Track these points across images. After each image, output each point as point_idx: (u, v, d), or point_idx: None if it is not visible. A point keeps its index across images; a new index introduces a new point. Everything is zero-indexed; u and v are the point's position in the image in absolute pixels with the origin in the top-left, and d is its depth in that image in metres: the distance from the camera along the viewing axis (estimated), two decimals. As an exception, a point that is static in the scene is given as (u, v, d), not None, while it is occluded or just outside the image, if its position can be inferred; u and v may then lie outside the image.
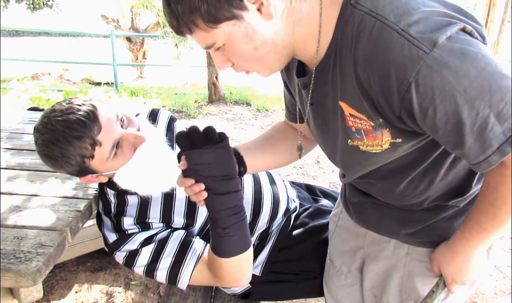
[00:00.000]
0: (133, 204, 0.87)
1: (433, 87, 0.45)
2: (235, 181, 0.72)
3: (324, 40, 0.54)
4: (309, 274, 0.99)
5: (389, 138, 0.55)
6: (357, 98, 0.53)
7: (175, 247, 0.82)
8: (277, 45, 0.54)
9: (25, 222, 0.83)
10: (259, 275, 0.97)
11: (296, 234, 1.02)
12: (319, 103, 0.62)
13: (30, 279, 0.69)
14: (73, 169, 0.76)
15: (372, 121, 0.54)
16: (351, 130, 0.58)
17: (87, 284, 1.60)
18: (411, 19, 0.46)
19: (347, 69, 0.52)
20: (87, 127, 0.71)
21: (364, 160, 0.62)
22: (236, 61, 0.56)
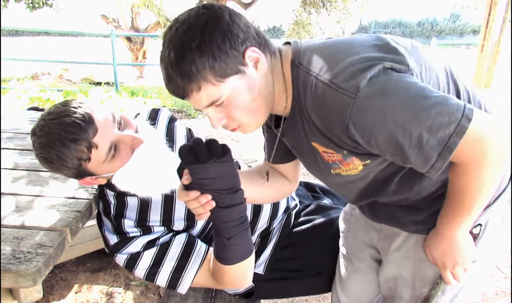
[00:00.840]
0: (132, 206, 0.86)
1: (367, 123, 0.54)
2: (240, 193, 0.72)
3: (289, 95, 0.65)
4: (312, 271, 1.00)
5: (359, 162, 0.64)
6: (321, 138, 0.63)
7: (178, 252, 0.82)
8: (267, 98, 0.63)
9: (25, 222, 0.83)
10: (262, 274, 0.97)
11: (298, 232, 1.02)
12: (296, 147, 0.73)
13: (29, 279, 0.69)
14: (70, 172, 0.76)
15: (339, 153, 0.64)
16: (328, 163, 0.68)
17: (87, 285, 1.59)
18: (336, 71, 0.56)
19: (307, 117, 0.63)
20: (82, 130, 0.71)
21: (349, 181, 0.71)
22: (234, 114, 0.62)
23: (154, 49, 8.14)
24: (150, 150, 0.79)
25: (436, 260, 0.72)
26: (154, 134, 0.85)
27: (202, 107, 0.61)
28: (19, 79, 6.22)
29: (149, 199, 0.86)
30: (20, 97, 4.57)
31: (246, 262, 0.78)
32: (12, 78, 6.14)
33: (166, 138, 0.92)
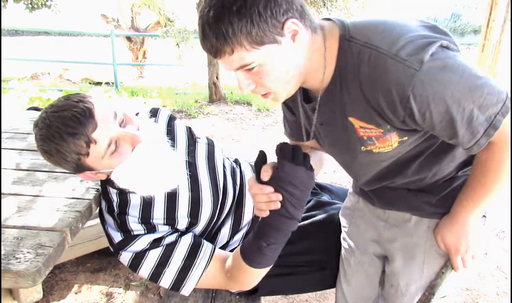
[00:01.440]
0: (135, 204, 0.86)
1: (427, 96, 0.57)
2: (303, 211, 0.75)
3: (329, 68, 0.65)
4: (315, 266, 1.00)
5: (397, 138, 0.66)
6: (366, 112, 0.64)
7: (184, 252, 0.82)
8: (301, 71, 0.63)
9: (25, 222, 0.82)
10: None
11: (299, 228, 1.02)
12: (328, 122, 0.72)
13: (29, 279, 0.69)
14: (69, 166, 0.76)
15: (381, 128, 0.65)
16: (363, 139, 0.68)
17: (87, 285, 1.59)
18: (399, 45, 0.57)
19: (354, 90, 0.63)
20: (81, 124, 0.71)
21: (377, 159, 0.72)
22: (264, 82, 0.62)
23: (154, 49, 8.14)
24: (150, 148, 0.79)
25: (448, 244, 0.74)
26: (156, 132, 0.85)
27: (232, 69, 0.61)
28: (19, 79, 6.22)
29: (151, 197, 0.86)
30: (20, 97, 4.57)
31: (267, 269, 0.81)
32: (12, 78, 6.14)
33: (168, 136, 0.91)
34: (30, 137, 1.37)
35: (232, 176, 1.02)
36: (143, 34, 7.54)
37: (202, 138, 1.03)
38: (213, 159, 0.99)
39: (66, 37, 13.92)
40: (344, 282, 0.96)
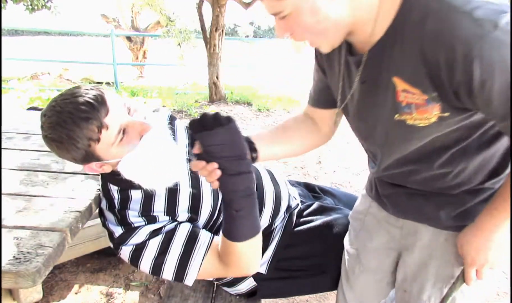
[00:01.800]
0: (136, 199, 0.86)
1: (493, 62, 0.51)
2: (246, 162, 0.73)
3: (383, 21, 0.60)
4: (315, 270, 0.99)
5: (438, 112, 0.60)
6: (416, 73, 0.58)
7: (184, 238, 0.82)
8: (338, 23, 0.59)
9: (25, 222, 0.82)
10: (265, 273, 0.97)
11: (300, 231, 1.02)
12: (369, 81, 0.67)
13: (29, 280, 0.68)
14: (78, 153, 0.75)
15: (426, 95, 0.59)
16: (400, 105, 0.63)
17: (87, 285, 1.59)
18: (473, 4, 0.52)
19: (411, 46, 0.57)
20: (95, 109, 0.71)
21: (408, 134, 0.66)
22: (297, 31, 0.61)
23: (154, 49, 8.14)
24: (158, 136, 0.80)
25: (466, 255, 0.70)
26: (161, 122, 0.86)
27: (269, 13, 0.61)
28: (19, 79, 6.21)
29: (152, 192, 0.86)
30: (20, 97, 4.56)
31: (253, 241, 0.78)
32: (12, 78, 6.13)
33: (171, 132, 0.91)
34: (30, 137, 1.36)
35: None
36: (144, 34, 7.54)
37: None
38: None
39: (66, 37, 13.92)
40: (346, 287, 0.95)
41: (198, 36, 4.89)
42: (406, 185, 0.76)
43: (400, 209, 0.80)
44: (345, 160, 3.14)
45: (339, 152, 3.34)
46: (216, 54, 4.75)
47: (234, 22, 16.10)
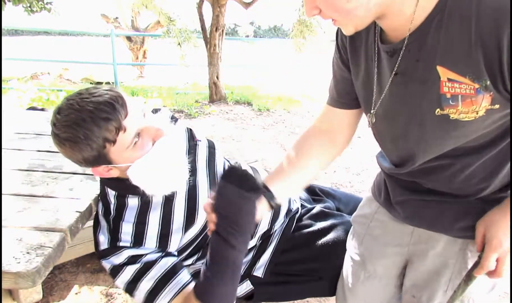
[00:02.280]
0: (132, 206, 0.85)
1: None
2: (243, 240, 0.70)
3: (425, 2, 0.54)
4: (313, 276, 0.98)
5: (487, 104, 0.54)
6: (468, 59, 0.52)
7: (159, 274, 0.80)
8: (369, 1, 0.54)
9: (24, 223, 0.82)
10: (261, 277, 0.96)
11: (299, 236, 1.01)
12: (405, 72, 0.61)
13: (29, 280, 0.68)
14: (91, 154, 0.74)
15: (477, 83, 0.53)
16: (444, 97, 0.56)
17: (87, 286, 1.58)
18: None
19: (462, 27, 0.51)
20: (116, 110, 0.71)
21: (450, 131, 0.60)
22: (325, 9, 0.56)
23: (154, 48, 8.14)
24: (171, 144, 0.80)
25: (491, 237, 0.62)
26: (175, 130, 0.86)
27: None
28: (19, 78, 6.21)
29: (150, 200, 0.85)
30: (20, 97, 4.56)
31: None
32: (11, 78, 6.13)
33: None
34: (29, 137, 1.36)
35: None
36: (143, 34, 7.54)
37: (203, 140, 1.02)
38: (214, 162, 0.98)
39: (66, 36, 13.91)
40: (349, 293, 0.92)
41: (198, 36, 4.88)
42: (423, 183, 0.71)
43: (414, 217, 0.75)
44: (345, 160, 3.13)
45: (339, 152, 3.33)
46: (216, 54, 4.75)
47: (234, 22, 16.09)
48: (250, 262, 0.98)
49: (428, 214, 0.72)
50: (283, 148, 3.40)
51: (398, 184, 0.76)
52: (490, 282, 0.72)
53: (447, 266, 0.73)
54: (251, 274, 0.97)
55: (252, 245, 0.99)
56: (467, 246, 0.70)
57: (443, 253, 0.73)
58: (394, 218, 0.80)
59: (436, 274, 0.75)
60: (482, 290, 0.73)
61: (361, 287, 0.89)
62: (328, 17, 0.58)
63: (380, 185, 0.83)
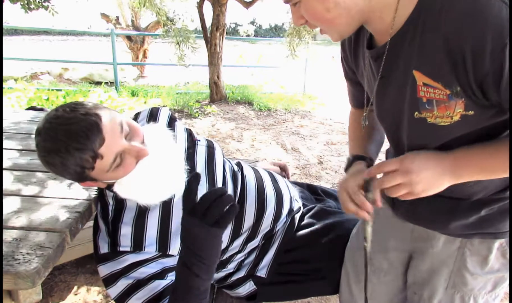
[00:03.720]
0: (131, 208, 0.84)
1: None
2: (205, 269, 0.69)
3: (403, 10, 0.56)
4: (317, 275, 0.98)
5: (461, 110, 0.56)
6: (438, 64, 0.54)
7: (146, 297, 0.79)
8: (350, 10, 0.56)
9: (24, 223, 0.81)
10: (265, 277, 0.96)
11: (302, 235, 1.01)
12: (388, 75, 0.64)
13: (29, 281, 0.67)
14: (72, 177, 0.75)
15: (448, 89, 0.55)
16: (421, 101, 0.58)
17: (87, 286, 1.58)
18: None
19: (432, 35, 0.53)
20: (89, 140, 0.69)
21: (430, 133, 0.62)
22: (308, 19, 0.60)
23: (154, 48, 8.13)
24: (155, 162, 0.79)
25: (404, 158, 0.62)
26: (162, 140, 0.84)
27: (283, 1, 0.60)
28: (18, 78, 6.20)
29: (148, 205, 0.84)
30: (19, 97, 4.55)
31: None
32: (11, 77, 6.12)
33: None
34: (29, 137, 1.35)
35: (233, 180, 1.00)
36: (143, 33, 7.53)
37: (202, 140, 1.01)
38: (213, 163, 0.97)
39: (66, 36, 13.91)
40: (356, 288, 0.92)
41: (198, 36, 4.88)
42: None
43: (411, 215, 0.77)
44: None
45: (340, 152, 3.33)
46: (217, 53, 4.74)
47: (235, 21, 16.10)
48: (253, 262, 0.98)
49: (424, 212, 0.73)
50: (284, 148, 3.39)
51: None
52: (490, 282, 0.73)
53: (446, 264, 0.74)
54: (254, 274, 0.96)
55: (255, 245, 0.99)
56: (465, 245, 0.71)
57: (442, 252, 0.74)
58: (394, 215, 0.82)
59: (436, 273, 0.76)
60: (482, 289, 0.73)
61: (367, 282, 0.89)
62: (314, 27, 0.61)
63: None
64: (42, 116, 1.67)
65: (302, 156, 3.21)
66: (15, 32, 12.83)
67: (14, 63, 6.39)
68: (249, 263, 0.98)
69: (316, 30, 3.21)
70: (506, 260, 0.68)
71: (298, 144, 3.48)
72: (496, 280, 0.72)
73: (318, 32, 2.57)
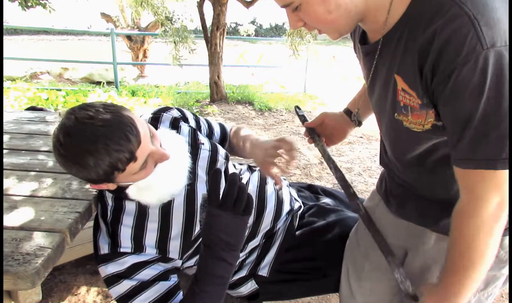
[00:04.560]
0: (130, 211, 0.84)
1: (469, 82, 0.50)
2: (235, 255, 0.72)
3: (394, 13, 0.58)
4: (318, 273, 0.98)
5: (432, 119, 0.58)
6: (413, 73, 0.56)
7: (152, 298, 0.79)
8: (349, 11, 0.58)
9: (24, 223, 0.80)
10: (266, 276, 0.95)
11: (302, 234, 1.01)
12: (376, 74, 0.67)
13: (28, 281, 0.67)
14: (97, 178, 0.72)
15: (420, 100, 0.57)
16: (399, 104, 0.61)
17: (87, 287, 1.57)
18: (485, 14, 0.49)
19: (413, 43, 0.55)
20: (130, 142, 0.69)
21: (405, 135, 0.65)
22: (308, 22, 0.61)
23: (154, 47, 8.13)
24: (171, 166, 0.80)
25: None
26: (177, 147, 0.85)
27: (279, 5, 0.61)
28: (18, 78, 6.19)
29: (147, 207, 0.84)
30: (19, 96, 4.54)
31: None
32: (11, 77, 6.12)
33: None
34: (29, 137, 1.35)
35: None
36: (143, 33, 7.53)
37: (205, 143, 1.00)
38: (214, 166, 0.97)
39: (66, 36, 13.90)
40: (356, 285, 0.92)
41: (198, 35, 4.87)
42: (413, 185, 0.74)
43: (404, 211, 0.78)
44: (347, 161, 3.12)
45: (340, 152, 3.33)
46: (217, 53, 4.74)
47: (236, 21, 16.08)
48: (255, 261, 0.98)
49: (416, 208, 0.75)
50: (284, 148, 3.38)
51: (394, 179, 0.80)
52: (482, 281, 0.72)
53: (437, 262, 0.75)
54: (255, 273, 0.96)
55: (256, 244, 0.99)
56: None
57: (434, 249, 0.75)
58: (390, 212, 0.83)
59: (428, 270, 0.77)
60: None
61: (367, 279, 0.90)
62: (313, 29, 0.63)
63: (382, 178, 0.87)
64: (42, 116, 1.67)
65: (303, 156, 3.20)
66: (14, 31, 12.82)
67: (13, 63, 6.38)
68: (251, 262, 0.98)
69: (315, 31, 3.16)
70: (498, 259, 0.68)
71: (298, 144, 3.48)
72: (487, 279, 0.72)
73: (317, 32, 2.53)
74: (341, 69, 8.21)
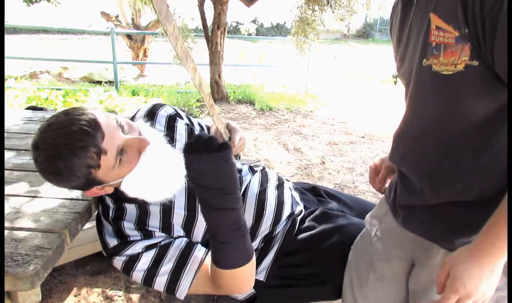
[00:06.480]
0: (131, 213, 0.84)
1: None
2: (232, 198, 0.70)
3: None
4: (317, 279, 0.96)
5: (466, 58, 0.56)
6: (451, 5, 0.55)
7: (177, 253, 0.80)
8: None
9: (23, 224, 0.80)
10: (263, 280, 0.94)
11: (302, 239, 0.99)
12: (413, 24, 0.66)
13: (28, 282, 0.66)
14: (79, 182, 0.73)
15: (458, 31, 0.55)
16: (430, 45, 0.60)
17: (87, 288, 1.56)
18: None
19: None
20: (90, 136, 0.68)
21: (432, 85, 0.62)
22: None
23: (155, 47, 8.11)
24: (157, 151, 0.77)
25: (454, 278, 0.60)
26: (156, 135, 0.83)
27: None
28: (17, 77, 6.18)
29: (148, 208, 0.84)
30: (18, 96, 4.53)
31: (243, 268, 0.76)
32: (10, 77, 6.10)
33: (167, 137, 0.88)
34: (29, 136, 1.34)
35: None
36: (144, 32, 7.50)
37: None
38: None
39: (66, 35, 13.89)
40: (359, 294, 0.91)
41: (199, 34, 4.85)
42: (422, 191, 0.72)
43: (412, 223, 0.77)
44: (349, 161, 3.11)
45: (342, 152, 3.31)
46: (218, 52, 4.72)
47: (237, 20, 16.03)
48: None
49: (424, 221, 0.73)
50: (286, 148, 3.37)
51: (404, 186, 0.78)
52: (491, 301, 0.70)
53: None
54: None
55: (254, 248, 0.97)
56: None
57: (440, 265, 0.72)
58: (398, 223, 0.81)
59: (434, 284, 0.74)
60: None
61: (371, 289, 0.89)
62: None
63: (391, 187, 0.86)
64: (41, 115, 1.65)
65: (304, 156, 3.19)
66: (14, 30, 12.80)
67: (13, 62, 6.35)
68: None
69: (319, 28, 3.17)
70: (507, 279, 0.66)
71: (300, 144, 3.47)
72: (496, 300, 0.70)
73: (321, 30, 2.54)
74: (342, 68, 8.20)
